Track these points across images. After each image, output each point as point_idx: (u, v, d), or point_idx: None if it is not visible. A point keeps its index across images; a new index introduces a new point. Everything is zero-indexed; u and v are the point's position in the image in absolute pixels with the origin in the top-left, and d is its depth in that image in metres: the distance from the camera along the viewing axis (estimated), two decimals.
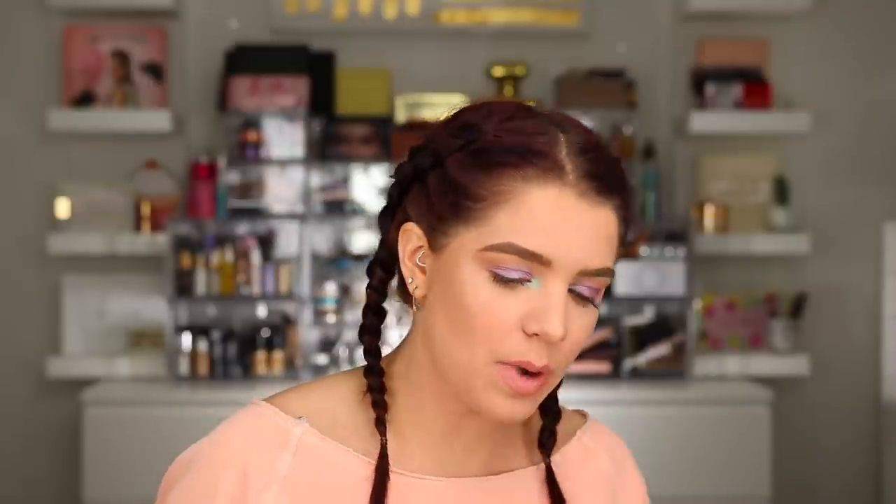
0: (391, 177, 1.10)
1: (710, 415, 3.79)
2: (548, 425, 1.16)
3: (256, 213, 3.99)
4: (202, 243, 3.91)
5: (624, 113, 4.07)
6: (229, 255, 3.90)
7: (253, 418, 1.08)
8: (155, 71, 4.09)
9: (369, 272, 1.11)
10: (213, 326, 3.93)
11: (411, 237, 1.06)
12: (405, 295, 1.10)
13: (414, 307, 1.08)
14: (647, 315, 4.02)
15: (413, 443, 1.10)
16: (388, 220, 1.10)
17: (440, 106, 4.07)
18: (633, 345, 3.99)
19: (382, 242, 1.10)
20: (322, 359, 3.97)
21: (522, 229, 1.00)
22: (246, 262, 3.91)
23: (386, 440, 1.07)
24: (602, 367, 3.96)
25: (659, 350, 3.98)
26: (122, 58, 4.06)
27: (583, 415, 1.24)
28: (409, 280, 1.07)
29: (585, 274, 1.02)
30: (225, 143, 4.02)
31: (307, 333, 3.93)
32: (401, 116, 4.10)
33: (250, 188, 4.00)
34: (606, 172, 1.03)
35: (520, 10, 4.18)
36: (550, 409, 1.16)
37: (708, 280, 4.19)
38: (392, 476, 1.07)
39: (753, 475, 3.77)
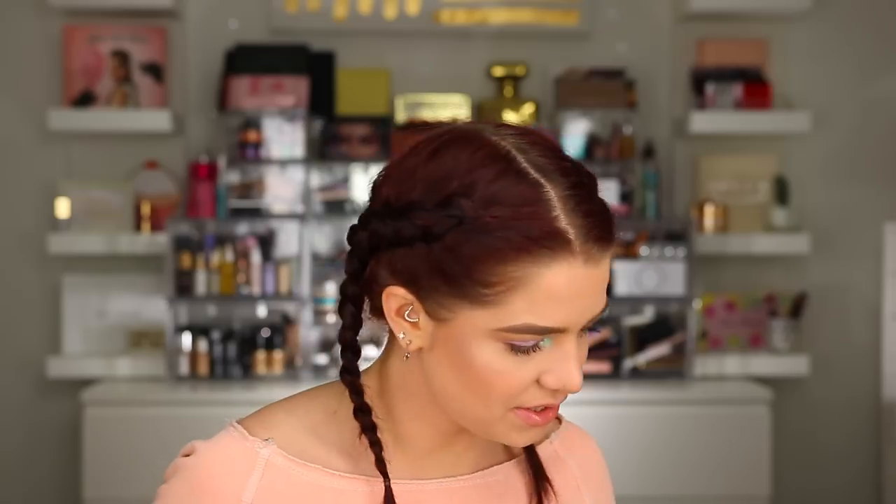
0: (360, 224, 1.06)
1: (710, 415, 3.79)
2: None
3: (256, 213, 3.99)
4: (202, 243, 3.91)
5: (624, 113, 4.07)
6: (229, 255, 3.90)
7: (224, 443, 1.10)
8: (155, 71, 4.09)
9: (341, 312, 1.09)
10: (213, 326, 3.93)
11: (397, 300, 1.04)
12: (380, 317, 1.08)
13: (406, 356, 1.07)
14: (647, 315, 4.02)
15: (402, 450, 1.10)
16: (357, 261, 1.06)
17: (440, 106, 4.07)
18: (633, 345, 3.99)
19: (353, 280, 1.07)
20: (322, 359, 3.97)
21: (539, 309, 0.99)
22: (246, 262, 3.91)
23: (385, 468, 1.07)
24: (602, 367, 3.96)
25: (659, 350, 3.98)
26: (122, 58, 4.06)
27: (558, 419, 1.23)
28: (401, 335, 1.05)
29: (592, 320, 1.04)
30: (225, 143, 4.02)
31: (307, 333, 3.93)
32: (401, 116, 4.10)
33: (250, 188, 4.00)
34: (604, 218, 1.03)
35: (520, 10, 4.17)
36: None
37: (708, 280, 4.19)
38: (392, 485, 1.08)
39: (753, 475, 3.77)
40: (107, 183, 4.05)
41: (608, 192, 4.02)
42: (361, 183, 4.06)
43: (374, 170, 4.04)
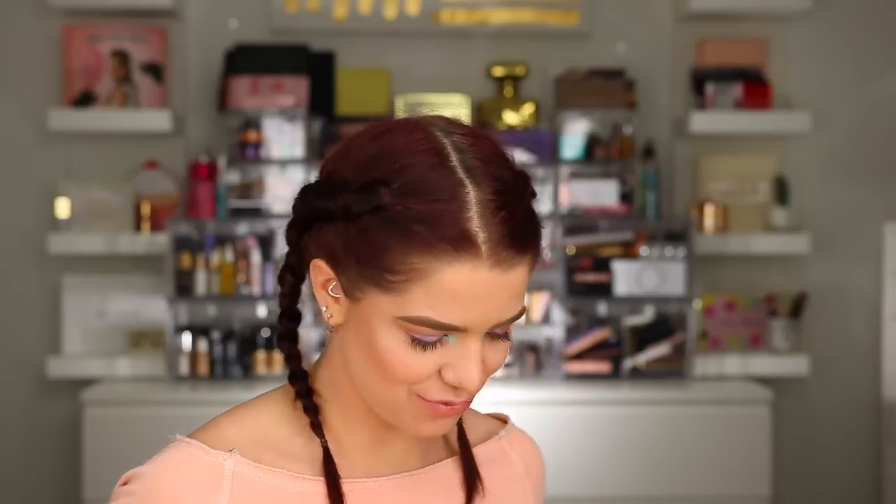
0: (303, 192, 1.09)
1: (710, 415, 3.79)
2: None
3: (256, 213, 3.99)
4: (202, 243, 3.91)
5: (624, 113, 4.07)
6: (229, 255, 3.90)
7: (181, 460, 1.07)
8: (155, 71, 4.09)
9: (280, 279, 1.12)
10: (213, 326, 3.93)
11: (322, 272, 1.06)
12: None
13: (329, 329, 1.09)
14: (647, 315, 4.02)
15: (350, 446, 1.11)
16: (295, 232, 1.09)
17: (440, 106, 4.07)
18: (633, 345, 3.99)
19: (293, 249, 1.10)
20: None
21: (438, 305, 1.00)
22: (246, 262, 3.91)
23: (325, 441, 1.09)
24: (602, 367, 3.96)
25: (659, 350, 3.98)
26: (122, 58, 4.07)
27: (503, 420, 1.26)
28: (324, 308, 1.07)
29: (499, 325, 1.04)
30: (225, 143, 4.02)
31: (307, 333, 3.93)
32: (401, 116, 4.09)
33: (250, 188, 4.00)
34: (521, 228, 1.02)
35: (520, 10, 4.17)
36: None
37: (708, 280, 4.19)
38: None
39: (753, 475, 3.77)
40: (107, 183, 4.05)
41: (608, 191, 4.02)
42: None
43: None
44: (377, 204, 1.01)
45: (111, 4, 4.01)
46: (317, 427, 1.09)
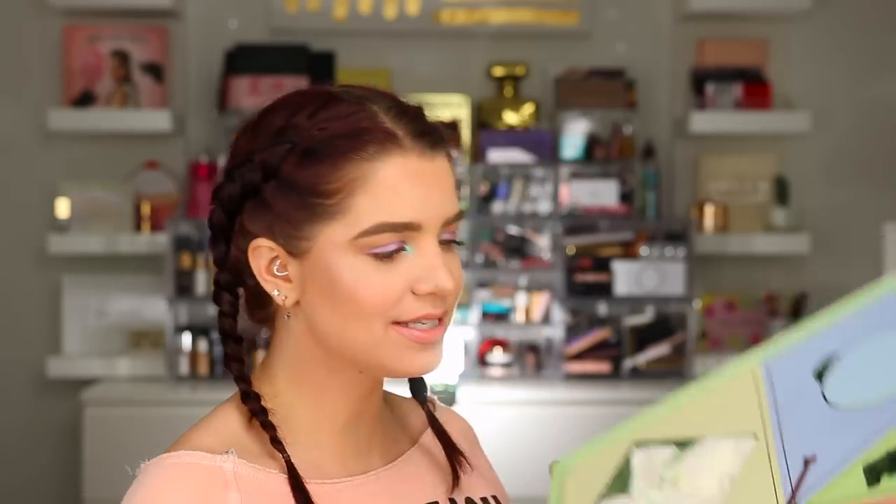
0: (213, 201, 1.09)
1: None
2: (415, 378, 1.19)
3: None
4: (202, 243, 3.91)
5: (624, 113, 4.07)
6: None
7: (180, 474, 1.02)
8: (155, 71, 4.09)
9: (217, 299, 1.10)
10: (213, 326, 3.93)
11: (262, 253, 1.06)
12: (256, 313, 1.11)
13: (286, 316, 1.08)
14: (647, 315, 4.02)
15: (315, 451, 1.09)
16: (223, 245, 1.09)
17: (440, 106, 4.07)
18: (633, 345, 3.99)
19: (222, 267, 1.10)
20: None
21: (386, 206, 1.02)
22: None
23: (288, 456, 1.06)
24: (602, 366, 3.96)
25: (659, 350, 3.98)
26: (122, 58, 4.07)
27: (431, 402, 1.25)
28: (276, 293, 1.07)
29: (447, 223, 1.06)
30: (225, 143, 4.02)
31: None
32: None
33: None
34: (428, 122, 1.07)
35: (520, 10, 4.18)
36: None
37: (708, 280, 4.19)
38: (311, 487, 1.06)
39: None
40: (107, 183, 4.05)
41: (608, 191, 4.02)
42: None
43: None
44: (291, 142, 1.04)
45: (111, 4, 4.01)
46: (277, 443, 1.06)
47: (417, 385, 1.20)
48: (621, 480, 0.93)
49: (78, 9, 4.04)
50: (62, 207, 4.00)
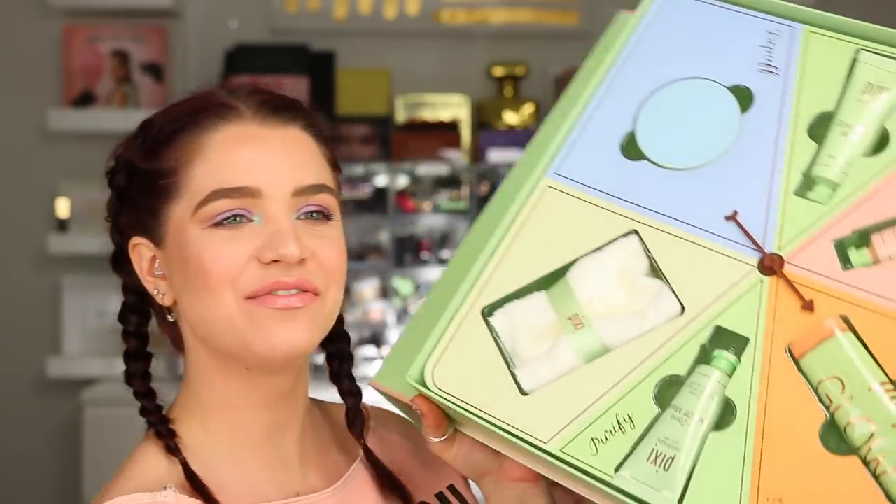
0: (107, 219, 1.11)
1: None
2: (352, 407, 1.15)
3: None
4: None
5: None
6: None
7: None
8: (155, 71, 4.09)
9: (123, 319, 1.11)
10: None
11: (141, 252, 1.07)
12: (166, 328, 1.10)
13: (170, 317, 1.07)
14: None
15: (239, 467, 1.05)
16: (122, 263, 1.10)
17: (440, 106, 4.08)
18: None
19: (126, 288, 1.11)
20: (321, 358, 3.96)
21: (220, 172, 1.01)
22: None
23: (184, 458, 1.03)
24: None
25: None
26: (122, 58, 4.07)
27: (365, 409, 1.20)
28: (156, 293, 1.06)
29: (303, 193, 1.02)
30: None
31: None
32: (401, 116, 4.10)
33: None
34: (281, 100, 1.06)
35: (520, 10, 4.18)
36: (350, 391, 1.16)
37: None
38: None
39: None
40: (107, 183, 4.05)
41: None
42: (362, 183, 4.06)
43: (375, 169, 4.06)
44: (142, 135, 1.06)
45: (111, 4, 4.02)
46: (175, 451, 1.03)
47: (354, 418, 1.14)
48: (503, 353, 0.95)
49: (78, 9, 4.04)
50: (62, 207, 4.00)
